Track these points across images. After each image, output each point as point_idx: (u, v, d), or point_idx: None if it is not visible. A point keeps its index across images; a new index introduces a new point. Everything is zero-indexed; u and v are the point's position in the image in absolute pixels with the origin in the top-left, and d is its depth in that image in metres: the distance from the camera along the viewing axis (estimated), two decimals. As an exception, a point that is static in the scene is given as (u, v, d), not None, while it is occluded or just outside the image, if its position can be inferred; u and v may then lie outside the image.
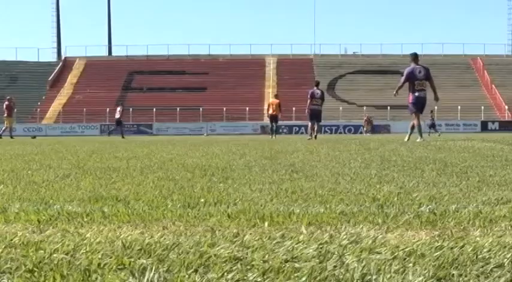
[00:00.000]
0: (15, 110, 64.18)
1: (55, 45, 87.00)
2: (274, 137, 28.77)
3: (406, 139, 17.00)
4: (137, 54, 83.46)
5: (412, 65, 17.34)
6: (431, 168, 6.67)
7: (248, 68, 79.16)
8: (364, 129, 63.11)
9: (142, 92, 75.49)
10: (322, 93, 25.39)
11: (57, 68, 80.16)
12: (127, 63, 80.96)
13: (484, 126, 64.69)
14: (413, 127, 17.56)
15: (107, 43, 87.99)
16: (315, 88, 25.42)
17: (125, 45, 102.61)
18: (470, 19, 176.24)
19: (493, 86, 73.40)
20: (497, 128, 63.78)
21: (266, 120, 51.84)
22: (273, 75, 78.68)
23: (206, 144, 15.55)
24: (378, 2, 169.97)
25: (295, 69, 78.28)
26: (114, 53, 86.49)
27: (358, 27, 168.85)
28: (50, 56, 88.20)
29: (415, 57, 17.54)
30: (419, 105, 17.52)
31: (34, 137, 34.51)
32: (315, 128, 24.38)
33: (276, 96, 34.77)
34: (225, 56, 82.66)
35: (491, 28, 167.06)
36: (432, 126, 48.89)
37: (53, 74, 78.37)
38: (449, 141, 15.02)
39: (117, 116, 40.62)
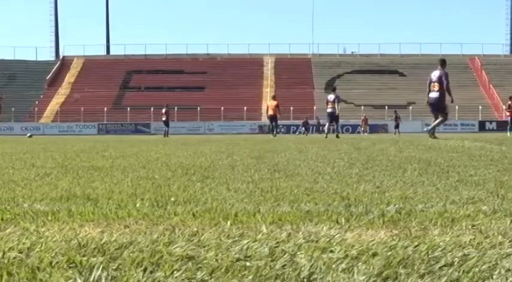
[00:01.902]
0: (13, 109, 64.22)
1: (53, 44, 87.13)
2: (275, 136, 29.79)
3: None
4: (135, 53, 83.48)
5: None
6: (414, 167, 6.68)
7: (246, 68, 79.19)
8: (362, 128, 63.09)
9: (140, 91, 75.48)
10: (336, 97, 28.11)
11: (55, 67, 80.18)
12: (125, 63, 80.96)
13: (482, 126, 64.76)
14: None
15: (105, 42, 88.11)
16: (331, 93, 28.78)
17: (123, 45, 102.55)
18: (468, 19, 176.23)
19: (491, 85, 73.47)
20: (494, 127, 63.82)
21: (264, 120, 51.99)
22: (271, 74, 78.71)
23: (198, 144, 15.57)
24: (376, 2, 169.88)
25: (293, 69, 78.32)
26: (112, 52, 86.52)
27: (356, 27, 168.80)
28: (48, 55, 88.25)
29: (440, 62, 18.73)
30: (431, 106, 18.68)
31: (30, 135, 34.49)
32: (331, 128, 27.75)
33: (274, 98, 36.50)
34: (223, 56, 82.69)
35: (489, 28, 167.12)
36: (396, 126, 53.32)
37: (51, 73, 78.38)
38: (441, 141, 15.03)
39: (164, 118, 42.28)
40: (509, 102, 35.55)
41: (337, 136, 26.41)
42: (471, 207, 3.49)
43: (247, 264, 2.19)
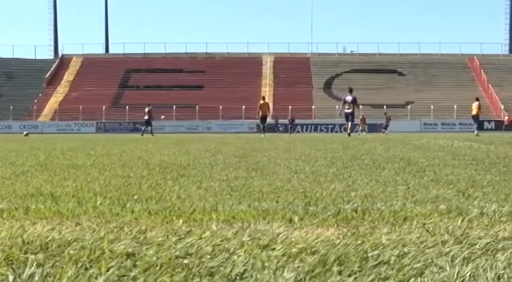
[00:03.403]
0: (12, 107, 64.34)
1: (52, 42, 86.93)
2: (264, 135, 30.29)
3: None
4: (134, 52, 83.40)
5: None
6: (394, 166, 6.69)
7: (245, 67, 79.11)
8: (360, 128, 62.92)
9: (139, 90, 75.46)
10: (354, 98, 29.15)
11: (54, 65, 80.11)
12: (124, 61, 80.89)
13: (480, 126, 64.25)
14: None
15: (104, 41, 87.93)
16: (348, 94, 29.58)
17: (122, 43, 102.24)
18: (467, 18, 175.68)
19: (490, 85, 73.41)
20: (493, 127, 63.72)
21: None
22: (269, 73, 78.64)
23: (189, 142, 15.58)
24: (375, 1, 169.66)
25: (292, 68, 78.23)
26: (111, 51, 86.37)
27: (355, 26, 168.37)
28: (46, 54, 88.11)
29: None
30: None
31: (27, 134, 34.48)
32: (349, 126, 28.43)
33: (264, 98, 38.52)
34: (222, 55, 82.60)
35: (488, 27, 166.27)
36: (385, 127, 53.96)
37: (49, 72, 78.33)
38: (431, 140, 15.04)
39: (146, 117, 42.15)
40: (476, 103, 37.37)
41: (349, 135, 27.65)
42: (430, 206, 3.50)
43: (185, 261, 2.21)
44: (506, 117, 60.55)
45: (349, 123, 28.93)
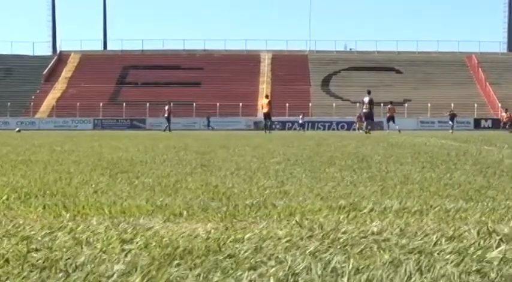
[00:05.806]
0: (9, 104, 64.42)
1: (50, 39, 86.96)
2: (268, 132, 31.61)
3: None
4: (132, 48, 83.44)
5: None
6: (344, 163, 6.73)
7: (243, 64, 79.14)
8: (357, 126, 62.85)
9: (137, 86, 75.51)
10: (371, 99, 31.42)
11: (52, 61, 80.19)
12: (122, 58, 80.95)
13: (477, 124, 64.58)
14: None
15: (102, 37, 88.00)
16: (366, 95, 31.87)
17: (120, 40, 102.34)
18: (465, 16, 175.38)
19: (487, 83, 73.40)
20: (490, 125, 63.66)
21: (260, 117, 52.11)
22: (267, 71, 78.66)
23: (168, 139, 15.61)
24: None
25: (290, 65, 78.26)
26: (109, 48, 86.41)
27: (353, 24, 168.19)
28: (45, 50, 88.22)
29: None
30: None
31: (19, 130, 34.56)
32: (368, 126, 30.61)
33: (267, 97, 38.94)
34: (220, 52, 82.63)
35: (486, 26, 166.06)
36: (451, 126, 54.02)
37: (47, 68, 78.41)
38: (409, 138, 15.07)
39: (166, 114, 43.39)
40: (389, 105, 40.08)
41: (368, 132, 29.09)
42: (331, 202, 3.53)
43: (34, 254, 2.25)
44: (504, 114, 60.19)
45: (368, 121, 31.15)
